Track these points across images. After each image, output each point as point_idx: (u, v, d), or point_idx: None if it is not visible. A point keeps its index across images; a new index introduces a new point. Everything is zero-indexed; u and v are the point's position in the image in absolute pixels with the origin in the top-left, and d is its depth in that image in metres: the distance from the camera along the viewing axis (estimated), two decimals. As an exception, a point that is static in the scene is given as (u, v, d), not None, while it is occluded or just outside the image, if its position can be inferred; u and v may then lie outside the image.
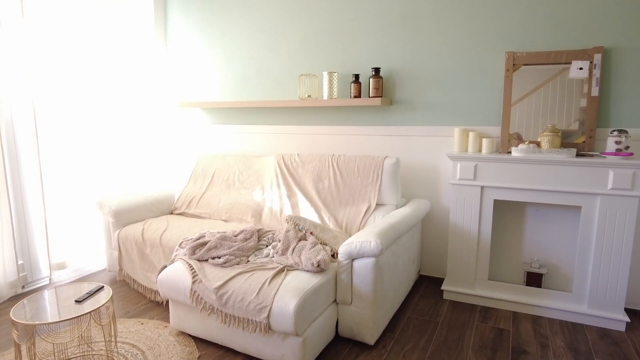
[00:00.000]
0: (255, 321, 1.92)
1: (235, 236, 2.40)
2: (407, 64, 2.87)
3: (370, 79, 2.84)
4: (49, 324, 1.69)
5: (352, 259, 2.13)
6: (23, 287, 2.83)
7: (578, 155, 2.41)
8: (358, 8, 2.97)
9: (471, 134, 2.61)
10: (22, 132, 2.78)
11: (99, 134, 3.26)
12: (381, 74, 2.94)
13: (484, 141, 2.55)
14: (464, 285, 2.68)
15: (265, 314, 1.88)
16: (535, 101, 2.51)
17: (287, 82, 3.31)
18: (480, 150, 2.64)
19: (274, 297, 1.90)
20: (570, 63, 2.39)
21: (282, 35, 3.27)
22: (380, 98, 2.79)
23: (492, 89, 2.67)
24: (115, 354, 2.07)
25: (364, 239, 2.09)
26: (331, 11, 3.06)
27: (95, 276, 3.12)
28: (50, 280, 2.96)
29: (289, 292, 1.89)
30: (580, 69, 2.35)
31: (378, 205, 2.75)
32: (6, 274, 2.69)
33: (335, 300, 2.20)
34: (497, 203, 2.73)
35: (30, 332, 1.73)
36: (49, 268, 2.94)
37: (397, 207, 2.76)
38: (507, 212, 2.73)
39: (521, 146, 2.40)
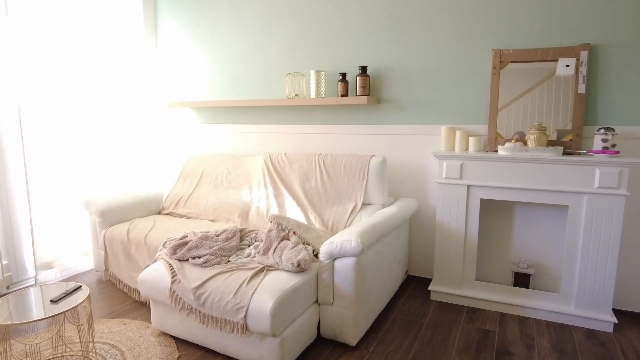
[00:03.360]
0: (233, 321, 1.90)
1: (217, 236, 2.38)
2: (395, 62, 2.84)
3: (357, 78, 2.82)
4: (18, 324, 1.67)
5: (334, 259, 2.10)
6: (8, 287, 2.82)
7: (565, 153, 2.37)
8: (345, 6, 2.94)
9: (458, 133, 2.58)
10: (7, 130, 2.77)
11: (87, 133, 3.25)
12: (368, 72, 2.92)
13: (471, 140, 2.52)
14: (451, 285, 2.65)
15: (242, 314, 1.86)
16: (525, 100, 2.47)
17: (275, 82, 3.29)
18: (467, 149, 2.61)
19: (251, 297, 1.87)
20: (557, 60, 2.35)
21: (270, 35, 3.25)
22: (366, 97, 2.77)
23: (479, 87, 2.64)
24: (93, 355, 2.05)
25: (345, 238, 2.06)
26: (318, 10, 3.04)
27: (82, 276, 3.11)
28: (36, 280, 2.95)
29: (267, 292, 1.87)
30: (567, 66, 2.32)
31: (365, 204, 2.72)
32: (-9, 274, 2.69)
33: (317, 301, 2.17)
34: (484, 202, 2.70)
35: (2, 333, 1.72)
36: (35, 268, 2.93)
37: (384, 206, 2.74)
38: (494, 212, 2.70)
39: (507, 144, 2.37)
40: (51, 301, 1.86)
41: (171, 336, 2.26)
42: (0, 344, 1.77)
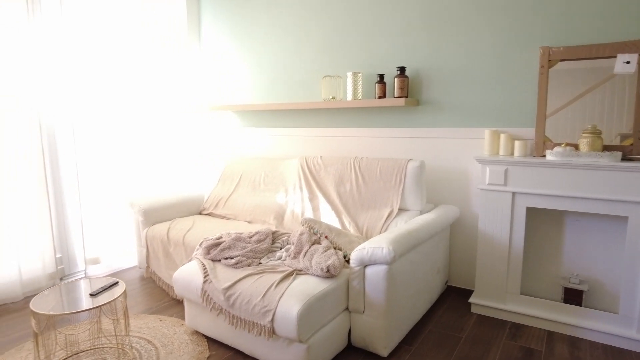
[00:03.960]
0: (260, 324, 1.89)
1: (250, 237, 2.39)
2: (435, 62, 2.73)
3: (395, 79, 2.74)
4: (61, 315, 1.76)
5: (365, 266, 2.04)
6: (61, 279, 3.00)
7: (624, 159, 2.15)
8: (382, 6, 2.88)
9: (502, 136, 2.43)
10: (61, 134, 2.97)
11: (132, 137, 3.41)
12: (407, 73, 2.82)
13: (516, 144, 2.36)
14: (493, 298, 2.48)
15: (269, 318, 1.84)
16: (577, 101, 2.28)
17: (312, 84, 3.28)
18: (512, 154, 2.45)
19: (278, 301, 1.85)
20: (615, 57, 2.15)
21: (308, 37, 3.25)
22: (404, 98, 2.68)
23: (526, 87, 2.47)
24: (128, 348, 2.12)
25: (376, 245, 1.99)
26: (356, 11, 2.99)
27: (126, 272, 3.25)
28: (85, 274, 3.12)
29: (294, 297, 1.84)
30: (627, 62, 2.11)
31: (401, 210, 2.63)
32: (45, 266, 2.87)
33: (347, 308, 2.11)
34: (530, 211, 2.51)
35: (45, 322, 1.81)
36: (85, 262, 3.10)
37: (422, 212, 2.63)
38: (542, 221, 2.50)
39: (556, 149, 2.19)
40: (90, 295, 1.95)
41: (203, 335, 2.29)
42: (46, 333, 1.87)
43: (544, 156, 2.34)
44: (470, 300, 2.54)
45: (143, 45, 3.41)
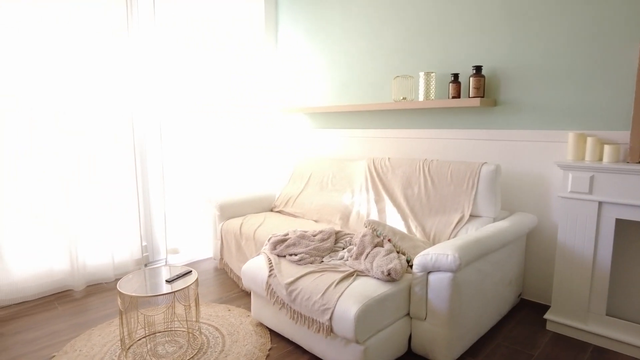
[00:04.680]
0: (319, 321, 1.92)
1: (314, 236, 2.44)
2: (514, 60, 2.56)
3: (471, 78, 2.61)
4: (140, 297, 1.94)
5: (428, 272, 1.98)
6: (146, 265, 3.31)
7: None
8: (457, 2, 2.76)
9: (589, 140, 2.21)
10: (150, 136, 3.27)
11: (212, 137, 3.64)
12: (483, 72, 2.68)
13: (606, 148, 2.13)
14: (573, 317, 2.27)
15: (328, 316, 1.87)
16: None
17: (383, 85, 3.25)
18: (600, 159, 2.21)
19: (337, 301, 1.87)
20: None
21: (380, 37, 3.22)
22: (479, 98, 2.55)
23: (620, 86, 2.21)
24: (198, 333, 2.28)
25: (440, 251, 1.93)
26: (429, 9, 2.91)
27: (202, 263, 3.49)
28: (166, 262, 3.40)
29: (353, 298, 1.85)
30: None
31: (473, 216, 2.51)
32: (133, 253, 3.19)
33: (408, 314, 2.07)
34: (620, 223, 2.25)
35: (129, 302, 2.01)
36: (166, 252, 3.39)
37: (495, 220, 2.48)
38: (636, 236, 2.23)
39: (656, 155, 1.94)
40: (166, 281, 2.12)
41: (267, 328, 2.38)
42: (130, 312, 2.08)
43: (640, 163, 2.09)
44: (546, 316, 2.34)
45: (222, 48, 3.62)
